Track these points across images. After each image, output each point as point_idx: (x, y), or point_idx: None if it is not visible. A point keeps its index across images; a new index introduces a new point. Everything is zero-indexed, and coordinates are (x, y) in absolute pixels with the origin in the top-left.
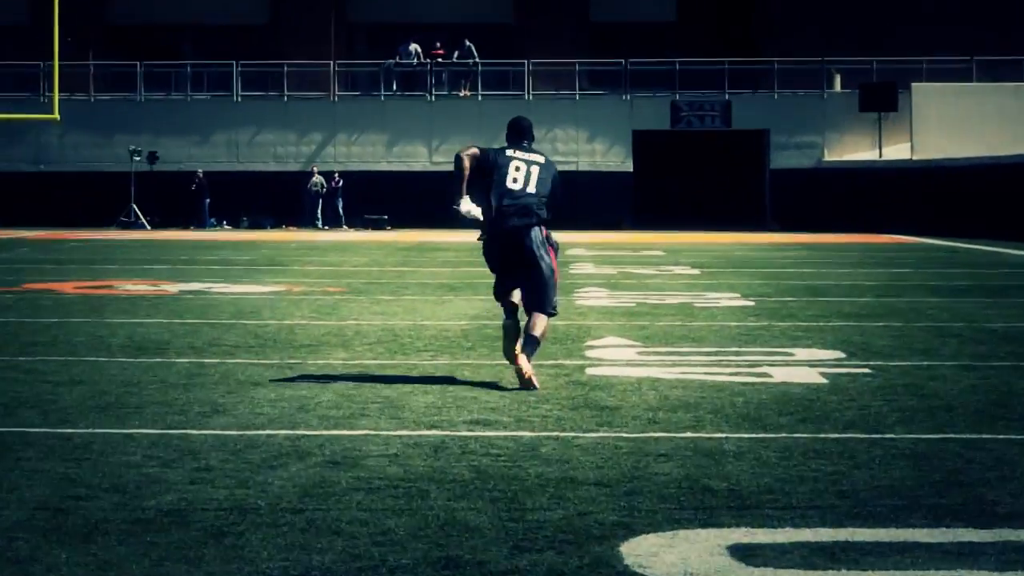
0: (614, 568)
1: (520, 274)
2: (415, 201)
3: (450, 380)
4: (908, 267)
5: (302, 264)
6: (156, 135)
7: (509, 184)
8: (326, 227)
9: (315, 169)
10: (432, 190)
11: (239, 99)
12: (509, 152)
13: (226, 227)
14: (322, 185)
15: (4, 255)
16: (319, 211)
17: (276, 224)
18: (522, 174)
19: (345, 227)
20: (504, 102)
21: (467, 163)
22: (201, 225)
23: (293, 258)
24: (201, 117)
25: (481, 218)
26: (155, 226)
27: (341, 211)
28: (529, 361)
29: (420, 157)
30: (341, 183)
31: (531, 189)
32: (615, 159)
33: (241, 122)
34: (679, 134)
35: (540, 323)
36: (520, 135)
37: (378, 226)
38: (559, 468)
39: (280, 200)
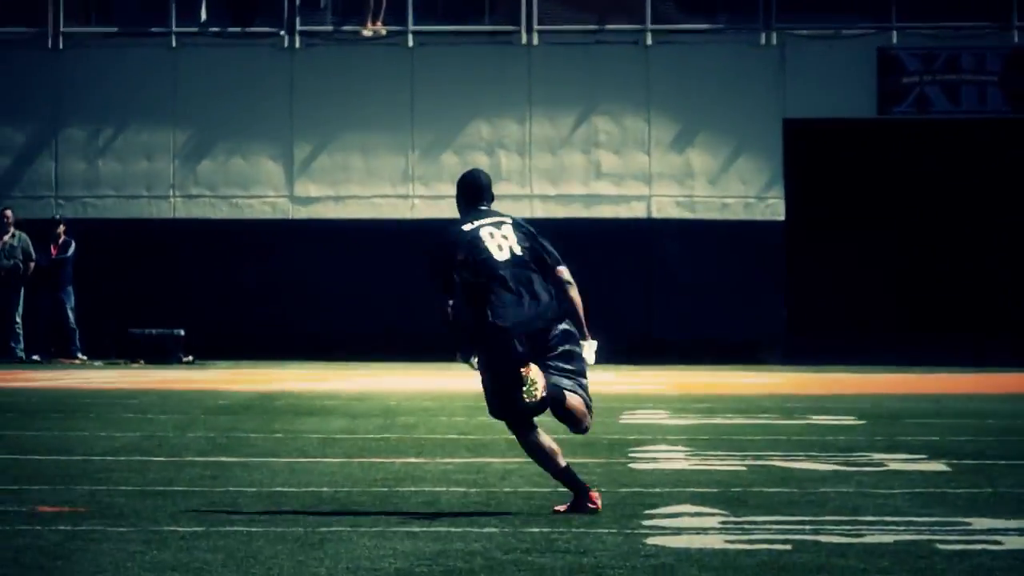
0: None
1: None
2: (255, 296)
3: None
4: None
5: None
6: None
7: (494, 254)
8: (36, 356)
9: (8, 215)
10: (298, 265)
11: None
12: (468, 226)
13: None
14: (27, 251)
15: None
16: (18, 316)
17: None
18: (497, 241)
19: (80, 356)
20: (468, 52)
21: (449, 312)
22: None
23: None
24: None
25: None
26: None
27: (72, 317)
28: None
29: (267, 183)
30: (73, 248)
31: (518, 251)
32: (743, 191)
33: None
34: (898, 128)
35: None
36: (479, 196)
37: (165, 354)
38: None
39: None
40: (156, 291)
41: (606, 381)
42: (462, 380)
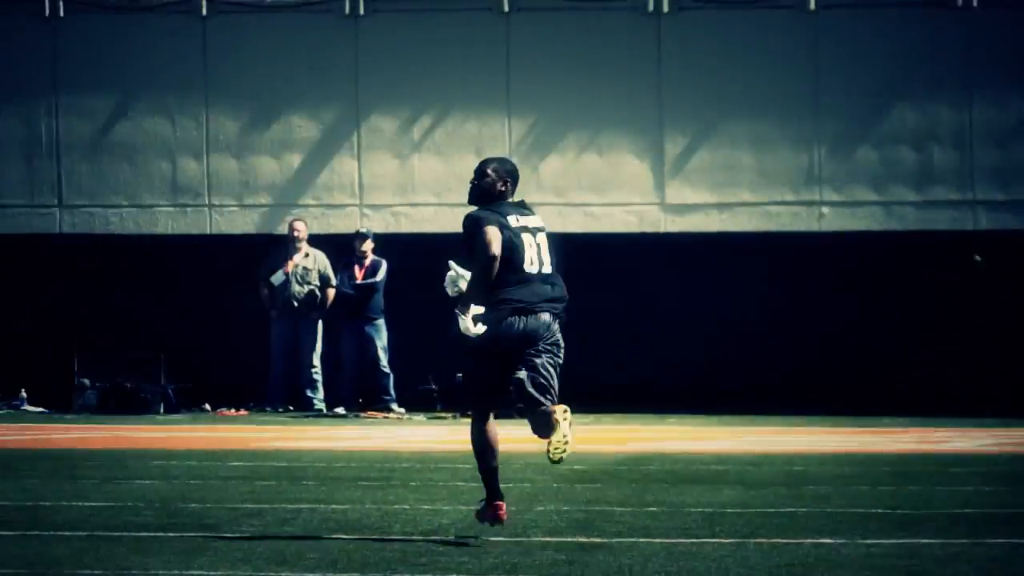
0: None
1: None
2: (616, 331)
3: None
4: None
5: None
6: None
7: (526, 267)
8: (339, 408)
9: (299, 230)
10: (668, 291)
11: None
12: (512, 219)
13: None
14: (325, 275)
15: None
16: (315, 358)
17: (170, 400)
18: (535, 250)
19: (396, 409)
20: (881, 16)
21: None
22: None
23: None
24: None
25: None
26: None
27: (384, 359)
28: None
29: (632, 187)
30: (384, 270)
31: (547, 269)
32: None
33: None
34: None
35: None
36: (515, 188)
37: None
38: None
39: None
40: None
41: None
42: (886, 439)
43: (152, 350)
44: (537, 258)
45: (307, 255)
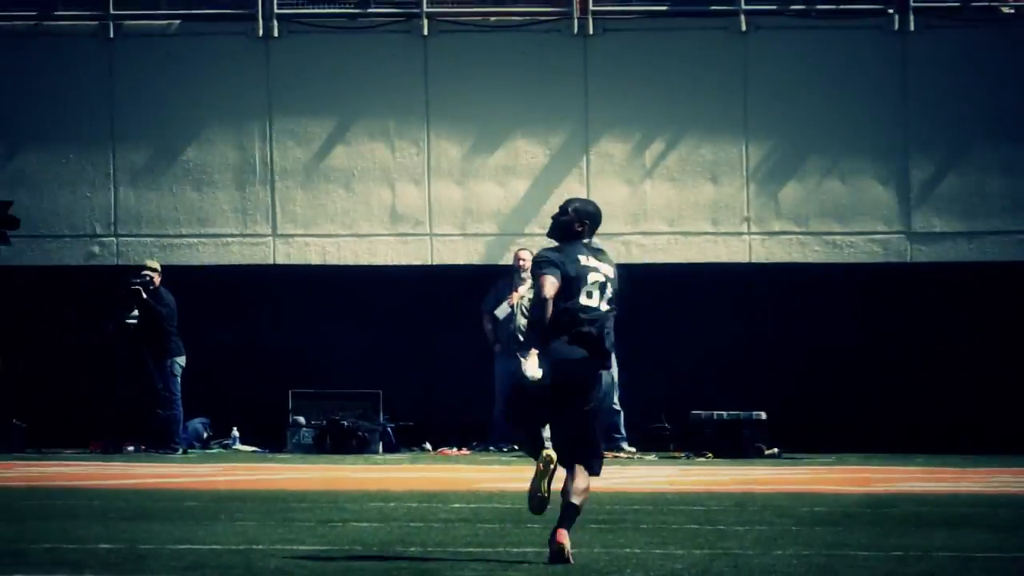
0: None
1: (564, 418)
2: (856, 366)
3: None
4: None
5: None
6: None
7: (583, 300)
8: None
9: (524, 258)
10: (916, 326)
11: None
12: (583, 259)
13: (237, 447)
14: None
15: None
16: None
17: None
18: (596, 288)
19: (626, 448)
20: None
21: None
22: (169, 443)
23: None
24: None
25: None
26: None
27: (613, 396)
28: (568, 536)
29: (876, 215)
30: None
31: (604, 307)
32: None
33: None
34: None
35: (582, 484)
36: (595, 229)
37: (739, 445)
38: None
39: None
40: (728, 357)
41: None
42: None
43: (370, 386)
44: (598, 294)
45: (526, 281)
